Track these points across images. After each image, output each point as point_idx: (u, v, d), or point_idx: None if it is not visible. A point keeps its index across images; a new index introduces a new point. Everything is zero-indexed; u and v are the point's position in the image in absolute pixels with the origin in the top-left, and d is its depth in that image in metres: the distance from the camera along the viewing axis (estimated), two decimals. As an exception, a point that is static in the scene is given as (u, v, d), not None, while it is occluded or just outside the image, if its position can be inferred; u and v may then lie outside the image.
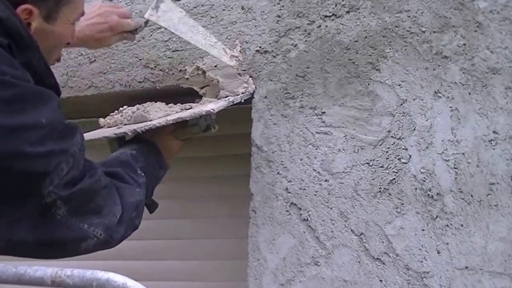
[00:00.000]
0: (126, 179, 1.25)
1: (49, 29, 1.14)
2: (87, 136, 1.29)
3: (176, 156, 1.51)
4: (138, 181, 1.28)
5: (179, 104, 1.53)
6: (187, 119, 1.41)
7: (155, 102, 1.54)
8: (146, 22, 1.51)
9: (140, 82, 1.76)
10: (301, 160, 1.51)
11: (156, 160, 1.40)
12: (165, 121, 1.39)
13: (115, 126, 1.52)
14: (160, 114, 1.46)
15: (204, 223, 1.91)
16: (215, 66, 1.64)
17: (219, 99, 1.55)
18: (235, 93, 1.55)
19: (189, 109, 1.50)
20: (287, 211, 1.51)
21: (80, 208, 1.08)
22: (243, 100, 1.54)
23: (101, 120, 1.60)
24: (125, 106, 1.57)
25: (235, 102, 1.51)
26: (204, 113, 1.41)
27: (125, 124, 1.50)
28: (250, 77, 1.59)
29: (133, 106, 1.54)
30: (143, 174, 1.30)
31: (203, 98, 1.61)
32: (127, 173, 1.27)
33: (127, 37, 1.55)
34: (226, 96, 1.55)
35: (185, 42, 1.69)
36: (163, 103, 1.53)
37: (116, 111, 1.58)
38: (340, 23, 1.51)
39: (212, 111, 1.41)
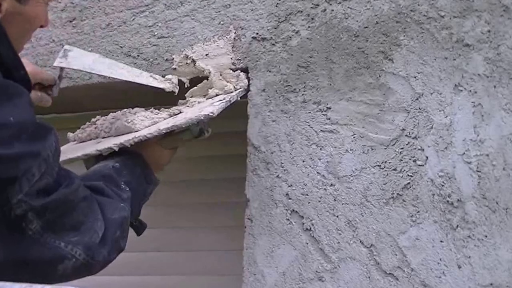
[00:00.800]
0: (108, 193, 1.24)
1: (21, 10, 1.14)
2: (62, 155, 1.28)
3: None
4: (121, 195, 1.26)
5: (165, 109, 1.51)
6: (183, 126, 1.39)
7: (132, 108, 1.52)
8: (60, 76, 1.51)
9: None
10: (303, 162, 1.51)
11: (143, 174, 1.39)
12: (157, 131, 1.38)
13: (90, 140, 1.51)
14: (146, 122, 1.45)
15: (193, 233, 1.91)
16: (206, 55, 1.65)
17: (209, 98, 1.54)
18: (225, 91, 1.54)
19: (178, 114, 1.49)
20: (288, 219, 1.50)
21: (56, 223, 1.05)
22: (239, 98, 1.54)
23: (70, 135, 1.58)
24: (97, 117, 1.56)
25: (232, 102, 1.50)
26: (202, 118, 1.39)
27: (104, 137, 1.49)
28: (241, 71, 1.59)
29: (106, 115, 1.54)
30: (127, 189, 1.29)
31: (189, 99, 1.60)
32: (109, 187, 1.25)
33: (42, 97, 1.49)
34: (217, 95, 1.54)
35: (172, 27, 1.69)
36: (144, 109, 1.52)
37: (87, 122, 1.57)
38: (348, 7, 1.51)
39: (211, 115, 1.39)
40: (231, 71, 1.57)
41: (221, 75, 1.59)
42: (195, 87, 1.63)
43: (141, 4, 1.76)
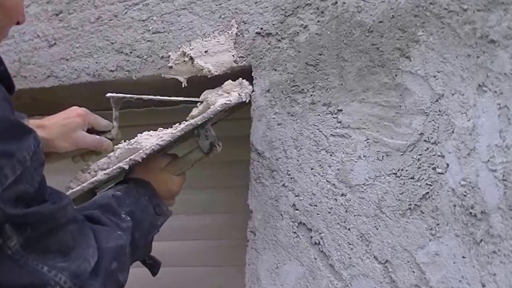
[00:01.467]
0: (104, 222, 1.23)
1: None
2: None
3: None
4: (120, 225, 1.26)
5: (168, 128, 1.52)
6: (199, 123, 1.41)
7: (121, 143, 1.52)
8: (116, 117, 1.53)
9: (111, 71, 1.78)
10: (311, 169, 1.52)
11: (152, 204, 1.39)
12: (171, 135, 1.39)
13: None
14: (153, 140, 1.45)
15: (190, 246, 1.93)
16: (206, 52, 1.66)
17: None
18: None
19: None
20: (295, 232, 1.51)
21: (39, 243, 1.03)
22: (247, 100, 1.54)
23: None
24: (89, 163, 1.54)
25: (243, 100, 1.51)
26: (220, 108, 1.42)
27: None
28: (243, 79, 1.58)
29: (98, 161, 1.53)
30: (128, 219, 1.29)
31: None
32: (106, 216, 1.25)
33: (101, 141, 1.51)
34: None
35: (169, 22, 1.71)
36: (147, 132, 1.52)
37: (79, 171, 1.55)
38: None
39: (228, 103, 1.42)
40: (231, 81, 1.57)
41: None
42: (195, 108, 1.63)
43: None
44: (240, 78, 1.59)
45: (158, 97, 1.55)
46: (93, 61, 1.79)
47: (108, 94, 1.53)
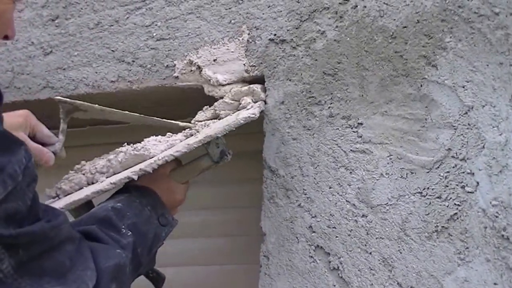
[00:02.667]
0: (102, 238, 1.27)
1: None
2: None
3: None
4: (120, 241, 1.30)
5: (176, 134, 1.58)
6: (219, 135, 1.48)
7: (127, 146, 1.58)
8: (63, 129, 1.57)
9: (112, 81, 1.84)
10: (330, 188, 1.58)
11: (156, 214, 1.44)
12: (187, 147, 1.45)
13: (80, 189, 1.55)
14: (162, 146, 1.52)
15: (200, 271, 2.00)
16: (215, 60, 1.73)
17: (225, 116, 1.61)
18: (242, 106, 1.62)
19: (196, 134, 1.55)
20: (311, 256, 1.58)
21: (32, 265, 1.05)
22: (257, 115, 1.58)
23: (49, 191, 1.60)
24: (82, 162, 1.61)
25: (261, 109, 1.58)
26: (243, 122, 1.48)
27: (107, 176, 1.54)
28: (251, 83, 1.65)
29: (101, 158, 1.60)
30: (129, 233, 1.33)
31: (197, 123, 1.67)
32: (105, 231, 1.29)
33: (41, 152, 1.52)
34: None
35: (174, 27, 1.77)
36: (153, 137, 1.59)
37: (70, 171, 1.61)
38: (384, 3, 1.57)
39: (253, 116, 1.48)
40: (241, 88, 1.64)
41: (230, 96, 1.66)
42: (201, 112, 1.71)
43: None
44: (252, 85, 1.65)
45: (117, 111, 1.58)
46: (92, 70, 1.85)
47: (57, 98, 1.57)
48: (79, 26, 1.90)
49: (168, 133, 1.59)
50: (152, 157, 1.49)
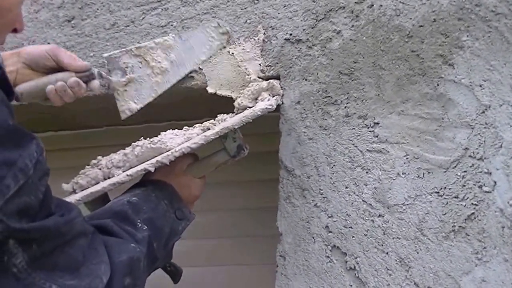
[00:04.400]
0: (118, 233, 1.28)
1: None
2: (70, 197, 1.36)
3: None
4: (135, 235, 1.31)
5: (196, 126, 1.60)
6: (236, 126, 1.49)
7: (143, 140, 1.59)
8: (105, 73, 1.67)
9: None
10: (346, 188, 1.59)
11: (172, 208, 1.45)
12: (204, 138, 1.46)
13: (97, 183, 1.57)
14: (179, 140, 1.53)
15: (217, 271, 2.02)
16: None
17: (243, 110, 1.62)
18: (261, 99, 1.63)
19: (212, 128, 1.55)
20: (328, 256, 1.59)
21: (45, 260, 1.06)
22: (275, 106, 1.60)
23: (65, 186, 1.62)
24: (98, 157, 1.63)
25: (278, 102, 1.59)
26: (260, 113, 1.49)
27: (123, 171, 1.55)
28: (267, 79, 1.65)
29: (116, 153, 1.61)
30: (145, 228, 1.35)
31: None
32: (120, 225, 1.30)
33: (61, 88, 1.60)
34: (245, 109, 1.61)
35: (190, 27, 1.78)
36: (171, 130, 1.60)
37: (87, 166, 1.63)
38: (400, 2, 1.57)
39: (270, 107, 1.49)
40: (261, 83, 1.64)
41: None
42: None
43: (152, 0, 1.85)
44: (271, 80, 1.66)
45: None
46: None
47: (104, 55, 1.64)
48: (95, 26, 1.91)
49: (185, 127, 1.61)
50: (169, 150, 1.50)
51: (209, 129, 1.57)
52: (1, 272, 1.01)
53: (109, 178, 1.57)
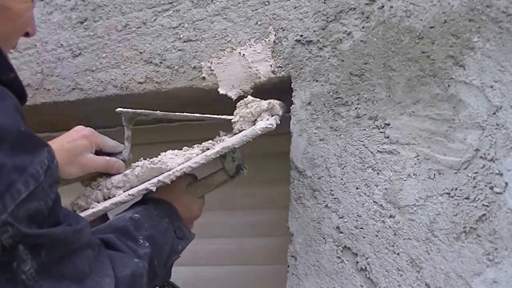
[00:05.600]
0: (120, 247, 1.29)
1: (5, 4, 1.20)
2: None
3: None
4: (137, 251, 1.32)
5: (194, 146, 1.59)
6: (236, 146, 1.48)
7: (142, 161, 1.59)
8: (128, 136, 1.65)
9: (140, 83, 1.87)
10: (357, 188, 1.60)
11: (173, 227, 1.46)
12: (205, 158, 1.46)
13: (92, 206, 1.56)
14: (179, 160, 1.52)
15: (228, 271, 2.02)
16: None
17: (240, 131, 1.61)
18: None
19: (212, 148, 1.55)
20: (339, 257, 1.59)
21: (54, 269, 1.07)
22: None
23: (64, 207, 1.60)
24: (99, 179, 1.62)
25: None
26: (260, 132, 1.48)
27: (124, 191, 1.55)
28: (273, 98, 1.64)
29: (109, 176, 1.61)
30: (146, 244, 1.35)
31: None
32: (122, 240, 1.31)
33: (109, 162, 1.59)
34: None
35: (201, 29, 1.79)
36: (170, 150, 1.60)
37: (87, 188, 1.61)
38: (411, 3, 1.57)
39: (270, 127, 1.48)
40: (260, 103, 1.61)
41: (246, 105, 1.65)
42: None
43: (164, 1, 1.85)
44: (271, 101, 1.62)
45: (175, 113, 1.63)
46: (121, 72, 1.88)
47: (118, 110, 1.62)
48: (107, 28, 1.93)
49: (185, 147, 1.60)
50: (169, 170, 1.51)
51: (208, 149, 1.57)
52: (10, 279, 1.02)
53: (109, 198, 1.57)
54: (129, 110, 1.63)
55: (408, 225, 1.53)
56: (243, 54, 1.75)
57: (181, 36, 1.83)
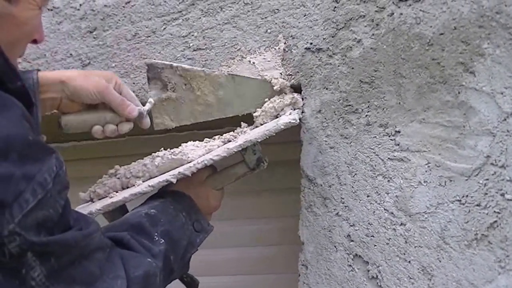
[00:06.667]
0: (134, 246, 1.31)
1: (11, 12, 1.23)
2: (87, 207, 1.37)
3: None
4: (152, 249, 1.33)
5: (215, 138, 1.62)
6: (258, 140, 1.50)
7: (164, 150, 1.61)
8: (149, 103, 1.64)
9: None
10: (368, 196, 1.61)
11: (190, 220, 1.47)
12: (227, 151, 1.47)
13: (111, 195, 1.58)
14: (200, 151, 1.55)
15: (239, 280, 2.04)
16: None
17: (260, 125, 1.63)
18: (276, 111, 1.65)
19: (233, 140, 1.58)
20: (350, 265, 1.61)
21: (64, 274, 1.09)
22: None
23: (82, 194, 1.65)
24: (116, 167, 1.65)
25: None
26: (283, 127, 1.49)
27: (141, 181, 1.57)
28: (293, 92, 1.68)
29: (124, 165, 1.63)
30: (162, 241, 1.36)
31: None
32: (136, 238, 1.33)
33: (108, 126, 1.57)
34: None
35: (210, 37, 1.81)
36: (191, 142, 1.62)
37: (104, 175, 1.65)
38: (420, 10, 1.59)
39: (294, 122, 1.50)
40: (283, 98, 1.66)
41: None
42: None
43: (173, 10, 1.88)
44: (295, 95, 1.68)
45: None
46: (130, 81, 1.91)
47: (147, 60, 1.63)
48: (116, 37, 1.95)
49: (206, 139, 1.63)
50: (190, 162, 1.52)
51: (230, 141, 1.60)
52: (19, 285, 1.03)
53: (127, 187, 1.59)
54: (158, 61, 1.65)
55: (419, 232, 1.54)
56: (253, 62, 1.77)
57: (191, 44, 1.86)
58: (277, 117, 1.64)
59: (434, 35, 1.57)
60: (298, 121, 1.54)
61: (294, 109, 1.67)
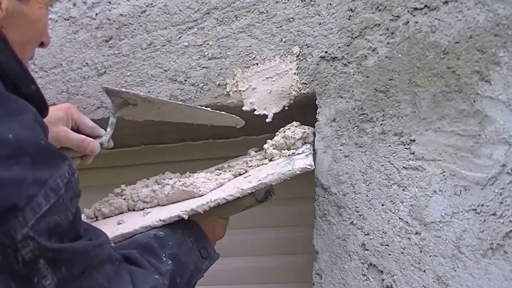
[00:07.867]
0: (142, 263, 1.31)
1: (22, 10, 1.24)
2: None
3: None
4: (159, 268, 1.33)
5: (225, 170, 1.63)
6: (273, 183, 1.51)
7: (173, 174, 1.63)
8: (111, 123, 1.66)
9: None
10: (382, 205, 1.63)
11: (197, 246, 1.49)
12: (240, 191, 1.49)
13: (120, 213, 1.61)
14: (211, 185, 1.57)
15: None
16: (266, 78, 1.79)
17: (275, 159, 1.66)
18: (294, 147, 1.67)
19: (244, 173, 1.60)
20: (364, 275, 1.62)
21: (74, 283, 1.09)
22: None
23: (87, 211, 1.67)
24: (122, 187, 1.67)
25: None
26: (299, 172, 1.50)
27: (148, 207, 1.60)
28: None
29: (144, 184, 1.65)
30: (169, 262, 1.37)
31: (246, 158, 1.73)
32: (145, 257, 1.33)
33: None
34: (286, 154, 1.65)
35: (226, 46, 1.84)
36: (201, 171, 1.63)
37: (110, 194, 1.66)
38: (436, 18, 1.61)
39: (309, 167, 1.50)
40: (295, 131, 1.68)
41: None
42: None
43: (188, 19, 1.91)
44: (306, 129, 1.69)
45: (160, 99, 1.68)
46: (145, 90, 1.93)
47: (103, 86, 1.64)
48: (132, 46, 1.98)
49: (217, 171, 1.65)
50: (201, 195, 1.55)
51: (240, 174, 1.63)
52: None
53: (133, 210, 1.61)
54: (114, 88, 1.66)
55: (434, 242, 1.56)
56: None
57: (206, 53, 1.88)
58: (288, 150, 1.66)
59: (450, 43, 1.59)
60: (314, 167, 1.54)
61: (305, 143, 1.69)
